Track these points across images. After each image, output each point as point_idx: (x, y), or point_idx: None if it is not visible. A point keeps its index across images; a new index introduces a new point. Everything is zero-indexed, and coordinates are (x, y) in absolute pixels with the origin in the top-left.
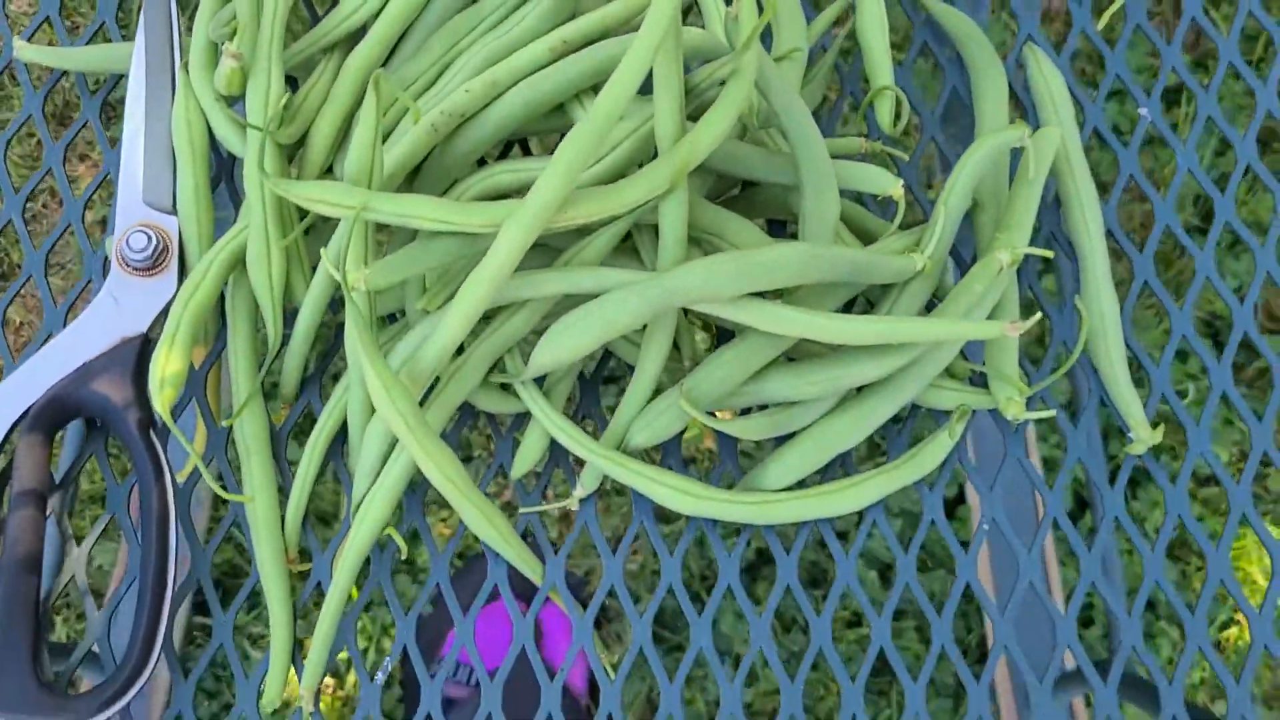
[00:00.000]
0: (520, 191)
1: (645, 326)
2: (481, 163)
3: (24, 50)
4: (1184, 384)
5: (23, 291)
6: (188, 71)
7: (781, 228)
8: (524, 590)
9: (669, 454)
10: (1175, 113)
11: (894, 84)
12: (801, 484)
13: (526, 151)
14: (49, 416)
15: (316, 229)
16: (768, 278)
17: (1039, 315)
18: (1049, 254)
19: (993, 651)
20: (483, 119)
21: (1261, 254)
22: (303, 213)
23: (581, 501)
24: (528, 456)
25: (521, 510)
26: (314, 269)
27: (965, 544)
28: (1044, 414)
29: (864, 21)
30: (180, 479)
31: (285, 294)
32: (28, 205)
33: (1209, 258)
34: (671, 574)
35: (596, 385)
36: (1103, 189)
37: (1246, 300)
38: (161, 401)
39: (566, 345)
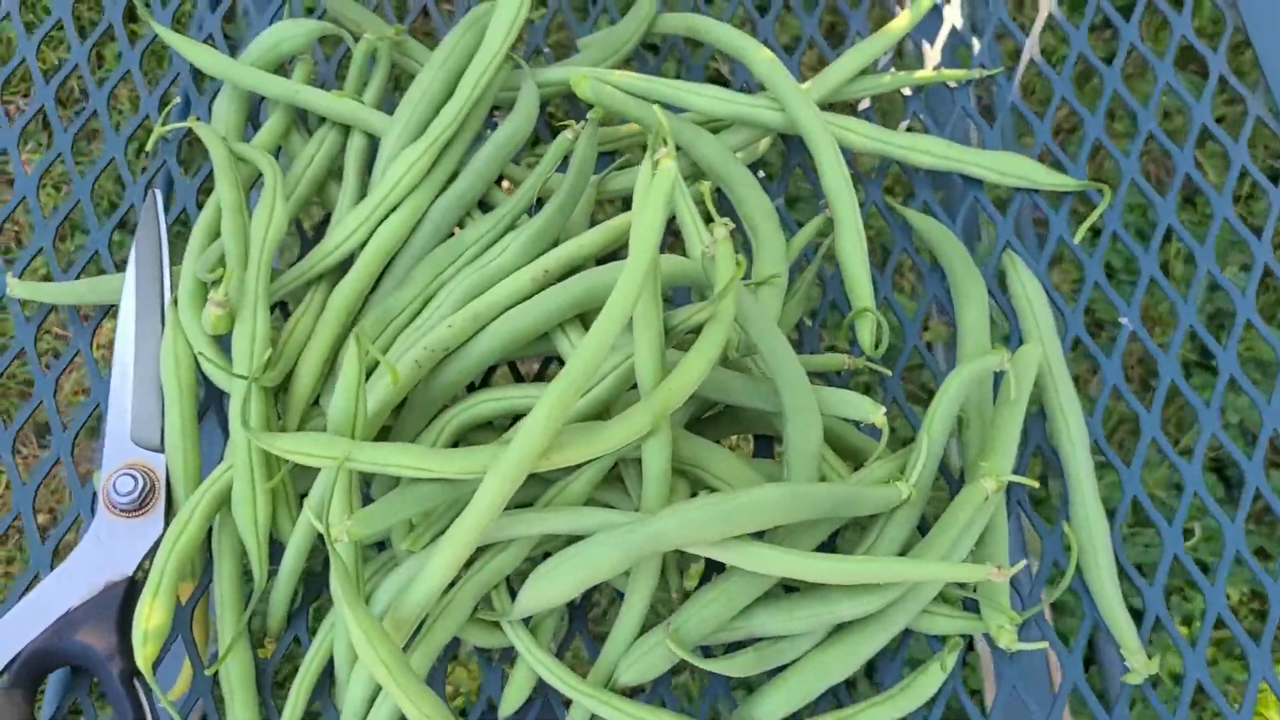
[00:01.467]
0: (504, 419)
1: None
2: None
3: (15, 287)
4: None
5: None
6: (177, 309)
7: (767, 443)
8: None
9: (659, 685)
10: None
11: (873, 305)
12: (793, 717)
13: (513, 367)
14: (30, 669)
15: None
16: (751, 521)
17: (1023, 563)
18: (1034, 484)
19: None
20: (466, 351)
21: (1250, 467)
22: None
23: None
24: (516, 694)
25: None
26: (300, 504)
27: None
28: (1036, 645)
29: (842, 244)
30: None
31: (271, 532)
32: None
33: (1197, 473)
34: None
35: (585, 612)
36: (1085, 391)
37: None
38: (144, 658)
39: (550, 591)
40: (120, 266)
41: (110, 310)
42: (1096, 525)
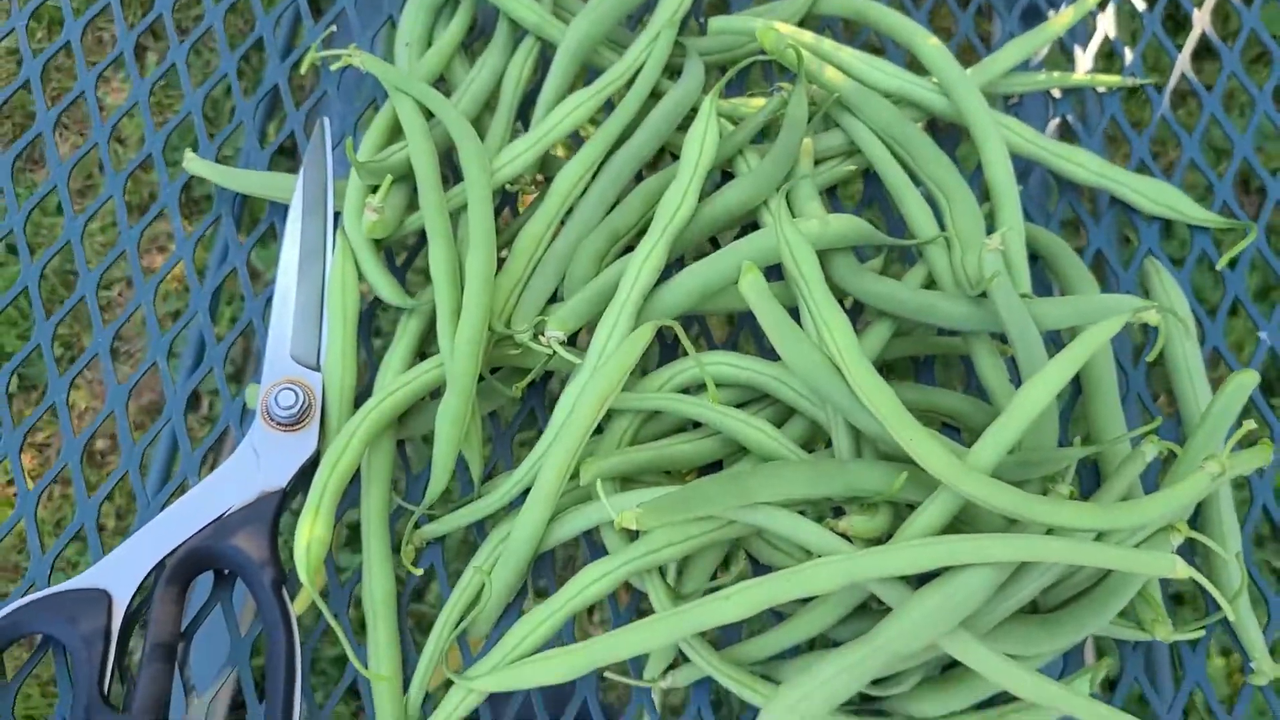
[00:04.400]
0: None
1: None
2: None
3: (193, 163)
4: None
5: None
6: (346, 233)
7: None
8: None
9: None
10: None
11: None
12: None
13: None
14: (186, 568)
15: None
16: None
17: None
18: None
19: None
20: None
21: None
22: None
23: None
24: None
25: None
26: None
27: None
28: (1192, 634)
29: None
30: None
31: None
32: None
33: None
34: None
35: None
36: None
37: None
38: (308, 567)
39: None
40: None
41: (266, 233)
42: (1230, 528)
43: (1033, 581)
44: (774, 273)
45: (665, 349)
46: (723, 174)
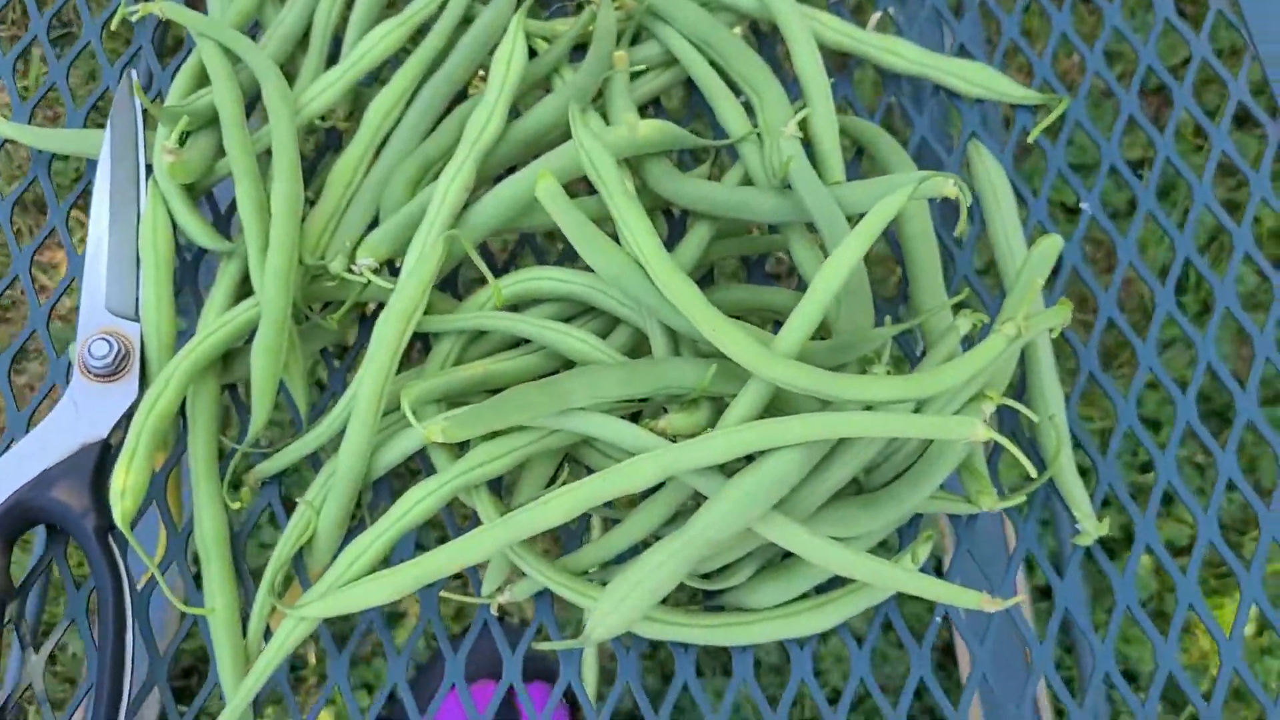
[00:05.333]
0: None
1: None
2: None
3: (3, 127)
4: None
5: None
6: (156, 180)
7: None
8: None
9: None
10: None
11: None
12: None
13: None
14: (9, 524)
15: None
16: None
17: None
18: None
19: None
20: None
21: (1203, 346)
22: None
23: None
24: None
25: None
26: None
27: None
28: (1013, 501)
29: (816, 124)
30: (139, 586)
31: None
32: None
33: (1151, 350)
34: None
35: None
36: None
37: (1189, 390)
38: (121, 513)
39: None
40: None
41: (86, 187)
42: (1052, 392)
43: (848, 462)
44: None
45: (498, 272)
46: (546, 94)
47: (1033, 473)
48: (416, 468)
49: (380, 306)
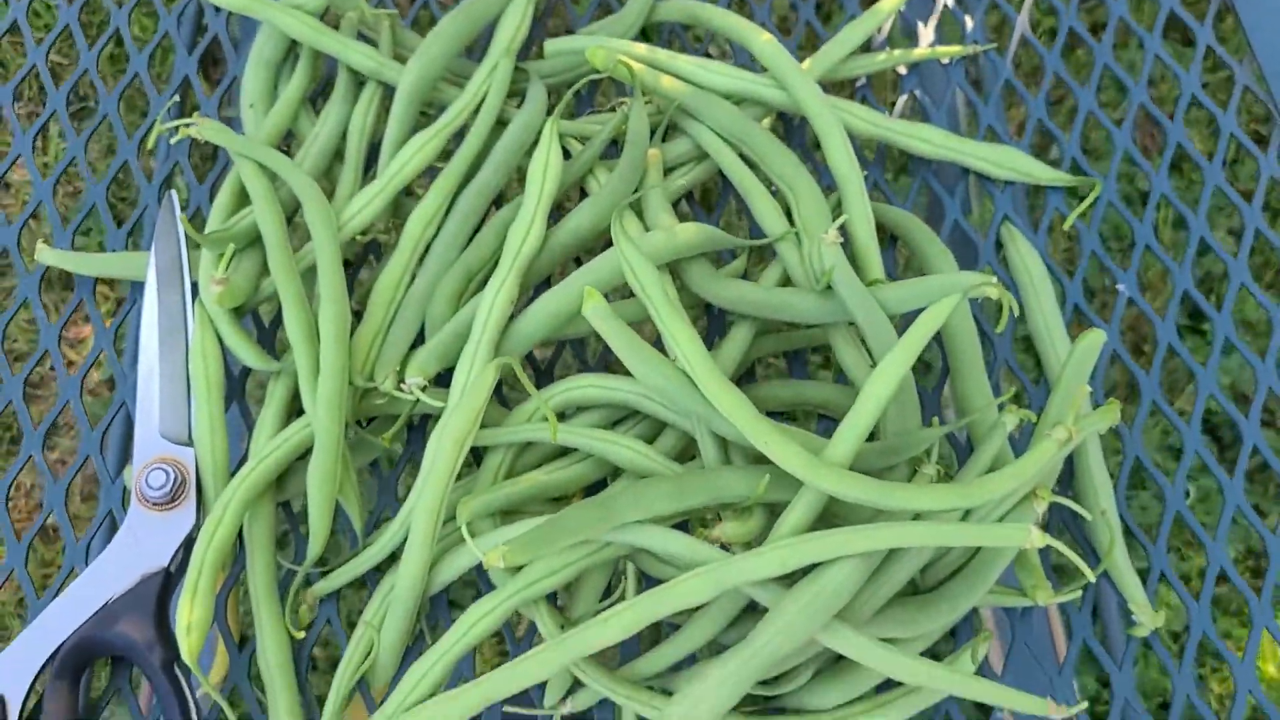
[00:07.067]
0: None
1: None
2: None
3: (45, 253)
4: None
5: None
6: (203, 304)
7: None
8: None
9: None
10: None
11: (884, 277)
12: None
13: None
14: (75, 660)
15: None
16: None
17: (1082, 704)
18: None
19: None
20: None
21: (1248, 429)
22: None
23: None
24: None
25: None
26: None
27: None
28: (1069, 595)
29: (852, 219)
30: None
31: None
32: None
33: (1196, 433)
34: None
35: None
36: None
37: (1235, 472)
38: (189, 649)
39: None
40: None
41: (129, 312)
42: (1102, 485)
43: (904, 566)
44: None
45: (541, 376)
46: (581, 196)
47: (1089, 575)
48: (472, 578)
49: (426, 416)
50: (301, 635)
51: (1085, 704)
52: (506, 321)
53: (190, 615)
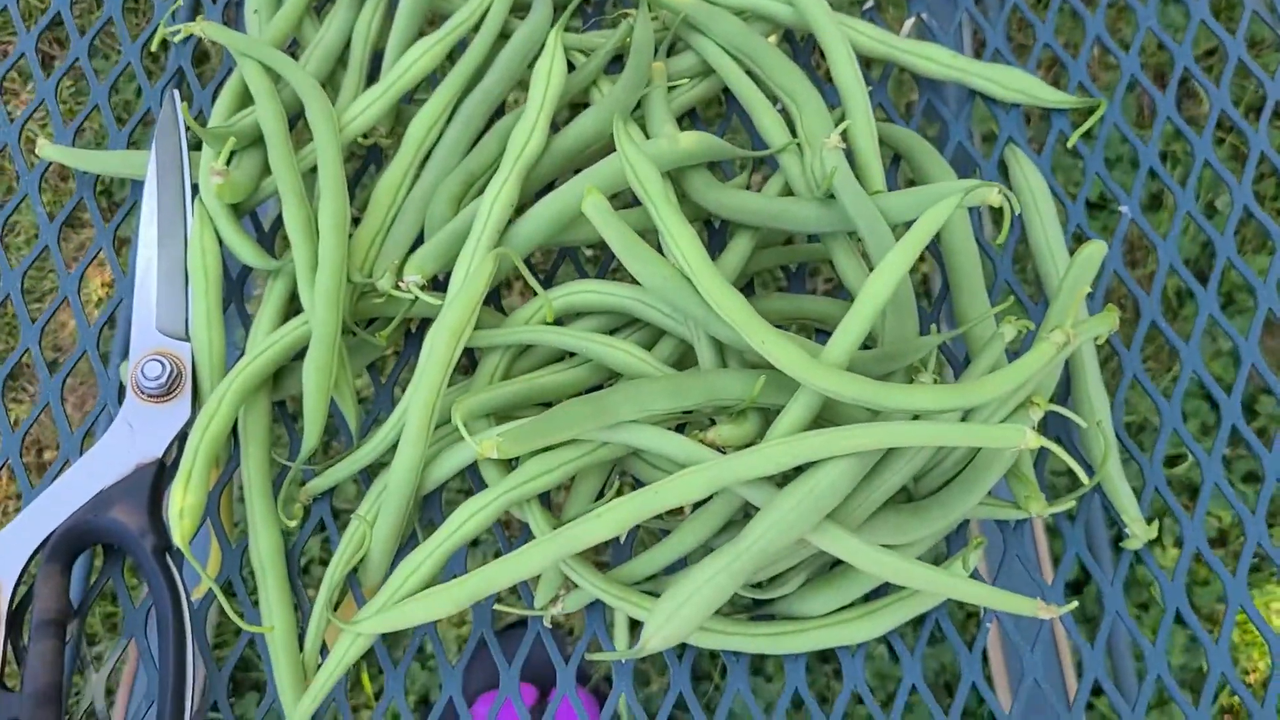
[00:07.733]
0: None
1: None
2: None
3: (47, 149)
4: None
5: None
6: (202, 201)
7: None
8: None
9: None
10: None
11: (885, 188)
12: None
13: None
14: (67, 545)
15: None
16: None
17: (1072, 604)
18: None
19: None
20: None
21: (1246, 348)
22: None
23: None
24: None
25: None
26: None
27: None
28: (1064, 505)
29: (855, 131)
30: (195, 597)
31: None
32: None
33: (1195, 351)
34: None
35: None
36: None
37: (1234, 393)
38: (180, 534)
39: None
40: None
41: (131, 209)
42: (1098, 398)
43: (898, 471)
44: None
45: (545, 284)
46: (584, 107)
47: (1084, 479)
48: (467, 485)
49: (425, 321)
50: (294, 524)
51: (1075, 603)
52: (506, 223)
53: (183, 501)
